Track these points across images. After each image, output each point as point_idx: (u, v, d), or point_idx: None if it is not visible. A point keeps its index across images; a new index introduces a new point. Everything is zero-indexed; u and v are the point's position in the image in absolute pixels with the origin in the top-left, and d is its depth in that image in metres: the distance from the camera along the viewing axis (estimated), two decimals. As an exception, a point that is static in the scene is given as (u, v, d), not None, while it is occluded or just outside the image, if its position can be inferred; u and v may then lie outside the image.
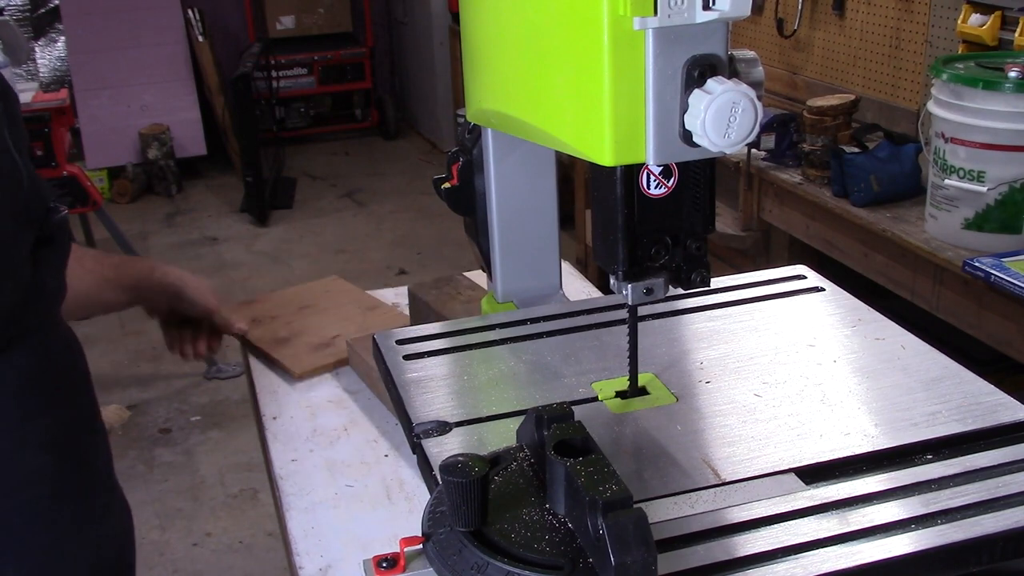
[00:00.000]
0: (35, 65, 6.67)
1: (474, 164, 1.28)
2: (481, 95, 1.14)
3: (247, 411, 3.48)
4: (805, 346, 1.10)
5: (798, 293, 1.25)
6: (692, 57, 0.78)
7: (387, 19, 7.63)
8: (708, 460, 0.89)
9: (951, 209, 2.29)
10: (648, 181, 0.88)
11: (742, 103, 0.77)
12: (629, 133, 0.80)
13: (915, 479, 0.86)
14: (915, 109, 2.99)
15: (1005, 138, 2.17)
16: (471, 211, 1.32)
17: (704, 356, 1.09)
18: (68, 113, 3.87)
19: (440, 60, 6.57)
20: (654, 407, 0.99)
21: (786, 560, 0.76)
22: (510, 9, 1.00)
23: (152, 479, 3.38)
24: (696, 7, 0.76)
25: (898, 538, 0.78)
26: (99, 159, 6.30)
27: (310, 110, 7.34)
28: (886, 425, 0.93)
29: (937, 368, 1.04)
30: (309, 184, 6.52)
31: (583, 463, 0.76)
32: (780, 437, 0.92)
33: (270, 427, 1.39)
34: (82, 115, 6.17)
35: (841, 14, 3.35)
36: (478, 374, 1.09)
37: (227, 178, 6.60)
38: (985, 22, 2.62)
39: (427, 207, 5.79)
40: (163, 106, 6.44)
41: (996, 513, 0.80)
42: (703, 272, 0.93)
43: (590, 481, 0.73)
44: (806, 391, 1.00)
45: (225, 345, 1.66)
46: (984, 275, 2.07)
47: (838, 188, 2.67)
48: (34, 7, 6.69)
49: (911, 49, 3.06)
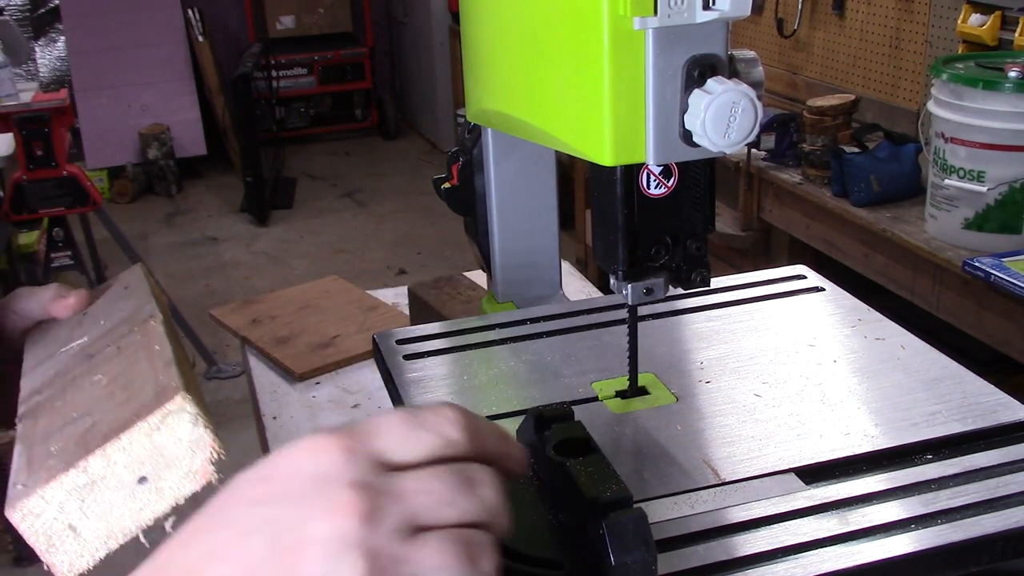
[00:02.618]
0: (35, 65, 6.68)
1: (474, 164, 1.28)
2: (481, 95, 1.14)
3: (247, 411, 3.47)
4: (805, 346, 1.10)
5: (798, 293, 1.25)
6: (692, 57, 0.78)
7: (387, 19, 7.64)
8: (708, 460, 0.89)
9: (951, 209, 2.29)
10: (648, 181, 0.88)
11: (742, 103, 0.77)
12: (629, 133, 0.80)
13: (915, 479, 0.85)
14: (915, 109, 2.99)
15: (1005, 138, 2.17)
16: (471, 211, 1.32)
17: (704, 356, 1.09)
18: (68, 113, 3.87)
19: (440, 60, 6.58)
20: (654, 407, 0.99)
21: (786, 560, 0.76)
22: (510, 9, 1.00)
23: (152, 479, 3.38)
24: (696, 7, 0.76)
25: (898, 538, 0.78)
26: (99, 159, 6.31)
27: (310, 110, 7.35)
28: (886, 425, 0.93)
29: (937, 368, 1.04)
30: (309, 184, 6.52)
31: (583, 463, 0.75)
32: (780, 437, 0.92)
33: (270, 427, 1.39)
34: (82, 115, 6.17)
35: (841, 14, 3.35)
36: (478, 374, 1.09)
37: (227, 178, 6.60)
38: (985, 22, 2.62)
39: (427, 207, 5.80)
40: (163, 106, 6.45)
41: (996, 513, 0.80)
42: (703, 272, 0.93)
43: (590, 481, 0.73)
44: (806, 391, 1.00)
45: (225, 345, 1.66)
46: (984, 275, 2.07)
47: (838, 188, 2.68)
48: (34, 7, 6.70)
49: (911, 49, 3.06)
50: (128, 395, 0.70)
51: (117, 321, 0.88)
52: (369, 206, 6.05)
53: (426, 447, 0.55)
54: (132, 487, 0.63)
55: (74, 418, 0.70)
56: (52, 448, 0.67)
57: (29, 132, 3.75)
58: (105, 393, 0.73)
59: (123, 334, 0.84)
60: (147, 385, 0.70)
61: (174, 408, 0.64)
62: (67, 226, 4.19)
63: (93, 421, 0.68)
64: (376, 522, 0.51)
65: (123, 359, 0.79)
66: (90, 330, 0.89)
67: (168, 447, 0.64)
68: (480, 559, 0.53)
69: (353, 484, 0.52)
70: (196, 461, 0.65)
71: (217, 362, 3.98)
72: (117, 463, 0.62)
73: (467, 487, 0.55)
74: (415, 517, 0.52)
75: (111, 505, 0.62)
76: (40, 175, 3.83)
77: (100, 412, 0.69)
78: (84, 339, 0.87)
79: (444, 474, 0.54)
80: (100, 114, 6.32)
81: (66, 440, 0.67)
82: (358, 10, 7.35)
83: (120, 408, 0.68)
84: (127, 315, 0.88)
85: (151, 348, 0.78)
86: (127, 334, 0.83)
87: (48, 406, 0.77)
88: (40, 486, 0.61)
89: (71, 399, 0.76)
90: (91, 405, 0.72)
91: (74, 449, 0.64)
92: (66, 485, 0.61)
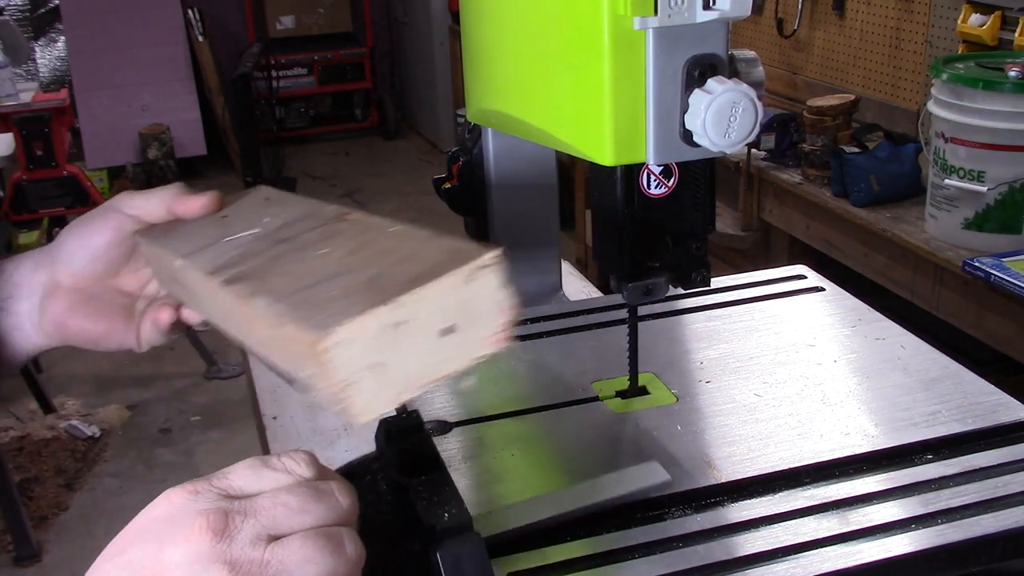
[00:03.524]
0: (35, 65, 6.68)
1: (474, 164, 1.28)
2: (481, 95, 1.14)
3: (247, 411, 3.47)
4: (805, 346, 1.10)
5: (798, 293, 1.25)
6: (692, 57, 0.78)
7: (387, 19, 7.63)
8: (708, 460, 0.89)
9: (951, 209, 2.29)
10: (648, 181, 0.88)
11: (742, 103, 0.77)
12: (629, 133, 0.80)
13: (915, 479, 0.86)
14: (915, 109, 2.99)
15: (1005, 138, 2.17)
16: (471, 211, 1.32)
17: (704, 356, 1.09)
18: (68, 113, 3.88)
19: (440, 60, 6.57)
20: (654, 407, 0.99)
21: (786, 560, 0.76)
22: (510, 9, 1.00)
23: (152, 479, 3.38)
24: (696, 7, 0.76)
25: (898, 538, 0.78)
26: (99, 159, 6.30)
27: (310, 110, 7.34)
28: (886, 425, 0.93)
29: (937, 368, 1.04)
30: (309, 184, 6.52)
31: (424, 483, 0.73)
32: (780, 437, 0.92)
33: (270, 427, 1.39)
34: (82, 115, 6.16)
35: (841, 14, 3.35)
36: (478, 374, 1.09)
37: (227, 178, 6.60)
38: (985, 22, 2.62)
39: (427, 207, 5.79)
40: (163, 106, 6.44)
41: (996, 513, 0.80)
42: (703, 272, 0.93)
43: (429, 504, 0.71)
44: (806, 391, 1.00)
45: (225, 345, 1.66)
46: (984, 275, 2.07)
47: (838, 188, 2.67)
48: (34, 7, 6.69)
49: (911, 49, 3.06)
50: (399, 258, 0.65)
51: (290, 219, 0.80)
52: (369, 206, 6.05)
53: (273, 481, 0.58)
54: (436, 337, 0.60)
55: (331, 276, 0.65)
56: (332, 293, 0.62)
57: (29, 132, 3.76)
58: (357, 259, 0.67)
59: (312, 227, 0.77)
60: (422, 250, 0.65)
61: (489, 263, 0.61)
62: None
63: (369, 276, 0.63)
64: (229, 537, 0.54)
65: (347, 239, 0.72)
66: (251, 226, 0.81)
67: (476, 302, 0.61)
68: (343, 547, 0.55)
69: (202, 512, 0.55)
70: (498, 322, 0.62)
71: (217, 362, 3.98)
72: (426, 309, 0.59)
73: (319, 497, 0.57)
74: (271, 527, 0.55)
75: (413, 351, 0.59)
76: (40, 175, 3.83)
77: (372, 269, 0.64)
78: (255, 230, 0.80)
79: (295, 488, 0.57)
80: (100, 114, 6.32)
81: (343, 289, 0.62)
82: (358, 10, 7.34)
83: (403, 265, 0.63)
84: (300, 216, 0.80)
85: (383, 229, 0.72)
86: (320, 226, 0.77)
87: (266, 270, 0.71)
88: (354, 316, 0.57)
89: (296, 268, 0.69)
90: (343, 268, 0.66)
91: (366, 293, 0.60)
92: (381, 319, 0.57)
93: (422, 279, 0.59)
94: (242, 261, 0.75)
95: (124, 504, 3.26)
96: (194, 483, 0.57)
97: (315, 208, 0.82)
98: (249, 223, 0.83)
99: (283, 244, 0.76)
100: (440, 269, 0.60)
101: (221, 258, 0.77)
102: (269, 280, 0.69)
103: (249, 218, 0.85)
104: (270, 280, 0.69)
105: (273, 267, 0.71)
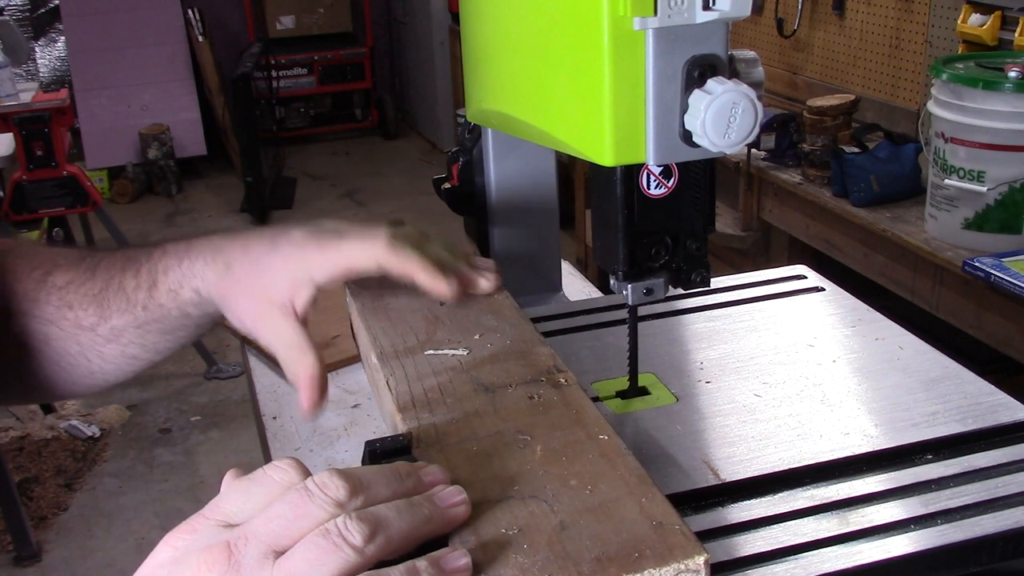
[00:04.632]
0: (35, 65, 6.68)
1: (474, 164, 1.28)
2: (481, 95, 1.14)
3: (247, 411, 3.48)
4: (805, 346, 1.10)
5: (798, 293, 1.25)
6: (692, 57, 0.78)
7: (387, 19, 7.64)
8: (708, 460, 0.89)
9: (951, 209, 2.29)
10: (648, 181, 0.88)
11: (742, 103, 0.77)
12: (629, 133, 0.80)
13: (915, 479, 0.86)
14: (915, 109, 2.99)
15: (1005, 138, 2.17)
16: (471, 211, 1.32)
17: (704, 356, 1.09)
18: (68, 113, 3.87)
19: (440, 60, 6.57)
20: (654, 407, 0.99)
21: (786, 560, 0.76)
22: (510, 9, 1.00)
23: (152, 479, 3.38)
24: (696, 7, 0.76)
25: (898, 538, 0.78)
26: (99, 159, 6.31)
27: (310, 110, 7.35)
28: (886, 425, 0.93)
29: (937, 368, 1.04)
30: (309, 184, 6.52)
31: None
32: (780, 437, 0.92)
33: (270, 427, 1.39)
34: (82, 115, 6.17)
35: (841, 14, 3.35)
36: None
37: (227, 178, 6.60)
38: (985, 22, 2.62)
39: (427, 207, 5.79)
40: (163, 106, 6.45)
41: (996, 513, 0.80)
42: (703, 272, 0.93)
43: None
44: (806, 391, 1.00)
45: (225, 345, 1.66)
46: (984, 275, 2.07)
47: (838, 188, 2.67)
48: (34, 7, 6.70)
49: (911, 49, 3.06)
50: (595, 503, 0.64)
51: (500, 347, 0.79)
52: (369, 206, 6.05)
53: (262, 497, 0.60)
54: None
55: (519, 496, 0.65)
56: (511, 532, 0.62)
57: (29, 132, 3.75)
58: (553, 480, 0.67)
59: (520, 380, 0.76)
60: (623, 500, 0.64)
61: (692, 569, 0.60)
62: (67, 226, 4.18)
63: (559, 520, 0.63)
64: (236, 565, 0.56)
65: (550, 428, 0.71)
66: (457, 343, 0.80)
67: None
68: (347, 539, 0.57)
69: (204, 548, 0.57)
70: None
71: (217, 362, 3.98)
72: None
73: (310, 497, 0.59)
74: (273, 543, 0.57)
75: None
76: (40, 175, 3.83)
77: (563, 508, 0.64)
78: (460, 352, 0.80)
79: (286, 496, 0.59)
80: (100, 114, 6.32)
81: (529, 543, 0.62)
82: (358, 10, 7.35)
83: (597, 524, 0.63)
84: (511, 347, 0.78)
85: (592, 431, 0.71)
86: (527, 383, 0.76)
87: (453, 437, 0.71)
88: None
89: (487, 459, 0.69)
90: (534, 488, 0.67)
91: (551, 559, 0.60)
92: None
93: (612, 567, 0.59)
94: (435, 404, 0.77)
95: (124, 504, 3.26)
96: (189, 522, 0.59)
97: (528, 336, 0.82)
98: (458, 333, 0.83)
99: (484, 395, 0.77)
100: (639, 562, 0.60)
101: (416, 385, 0.79)
102: (452, 458, 0.71)
103: (461, 324, 0.85)
104: (453, 458, 0.71)
105: (460, 438, 0.73)
